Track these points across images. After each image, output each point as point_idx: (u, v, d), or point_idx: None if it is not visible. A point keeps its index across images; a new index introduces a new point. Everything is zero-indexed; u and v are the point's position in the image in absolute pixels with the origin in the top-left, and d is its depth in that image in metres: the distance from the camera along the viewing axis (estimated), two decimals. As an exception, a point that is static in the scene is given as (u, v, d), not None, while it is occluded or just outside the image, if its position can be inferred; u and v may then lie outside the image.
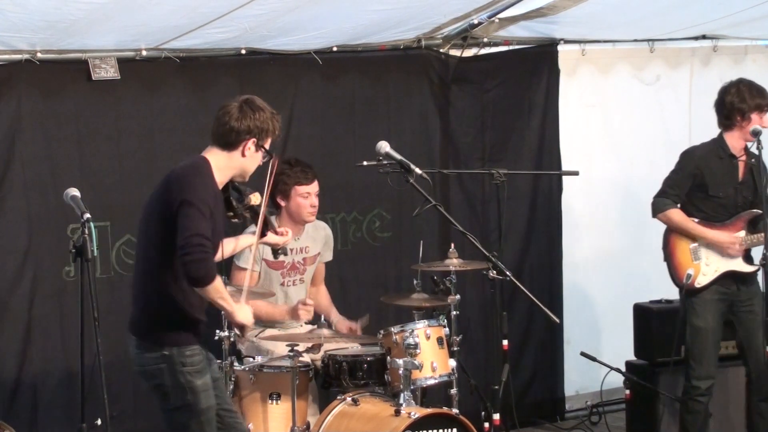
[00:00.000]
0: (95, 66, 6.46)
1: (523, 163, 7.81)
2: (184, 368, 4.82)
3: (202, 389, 4.86)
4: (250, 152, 4.86)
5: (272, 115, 4.91)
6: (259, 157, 4.89)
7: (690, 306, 6.64)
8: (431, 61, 7.57)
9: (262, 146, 4.87)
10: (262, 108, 4.89)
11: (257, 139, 4.85)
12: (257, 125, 4.85)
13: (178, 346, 4.83)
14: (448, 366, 6.06)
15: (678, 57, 8.28)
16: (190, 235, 4.62)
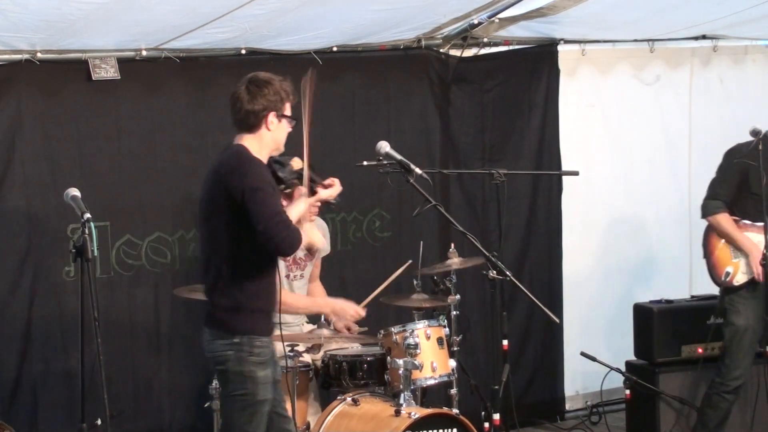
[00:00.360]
0: (95, 66, 6.46)
1: (523, 163, 7.80)
2: (251, 357, 4.91)
3: (263, 381, 4.94)
4: (274, 125, 5.00)
5: (280, 83, 5.02)
6: (285, 124, 5.04)
7: (731, 304, 6.61)
8: (431, 61, 7.57)
9: (282, 115, 5.00)
10: (268, 81, 5.01)
11: (275, 111, 4.98)
12: (269, 100, 4.98)
13: (249, 335, 4.93)
14: (448, 366, 6.06)
15: (678, 57, 8.27)
16: (268, 219, 4.76)
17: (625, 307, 7.41)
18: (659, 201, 8.26)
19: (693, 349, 7.06)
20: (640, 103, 8.21)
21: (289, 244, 4.81)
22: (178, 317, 6.81)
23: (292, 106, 5.08)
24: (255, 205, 4.78)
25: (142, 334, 6.76)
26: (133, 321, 6.73)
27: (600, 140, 8.12)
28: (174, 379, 6.83)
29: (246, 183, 4.81)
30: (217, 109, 6.91)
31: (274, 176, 5.04)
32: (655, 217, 8.26)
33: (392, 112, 7.45)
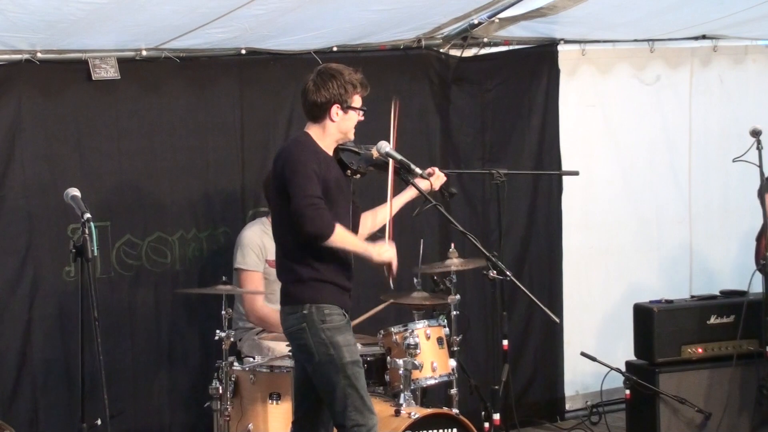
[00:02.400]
0: (95, 66, 6.46)
1: (523, 163, 7.80)
2: (324, 325, 5.06)
3: (344, 344, 5.07)
4: (339, 117, 5.21)
5: (349, 75, 5.20)
6: (352, 115, 5.23)
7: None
8: (431, 61, 7.57)
9: (349, 107, 5.19)
10: (334, 73, 5.20)
11: (339, 104, 5.17)
12: (333, 93, 5.17)
13: (317, 303, 5.08)
14: (448, 366, 6.05)
15: (678, 57, 8.27)
16: (299, 200, 4.95)
17: (626, 307, 7.41)
18: (659, 201, 8.25)
19: (693, 349, 7.05)
20: (641, 103, 8.21)
21: (317, 227, 4.94)
22: (178, 317, 6.81)
23: (363, 97, 5.27)
24: (291, 188, 5.01)
25: (142, 335, 6.75)
26: (133, 321, 6.72)
27: (600, 140, 8.12)
28: (174, 379, 6.82)
29: (287, 167, 5.06)
30: (217, 109, 6.93)
31: (339, 163, 5.23)
32: (655, 217, 8.25)
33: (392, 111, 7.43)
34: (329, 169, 5.15)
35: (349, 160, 5.29)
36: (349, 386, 5.04)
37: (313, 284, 5.10)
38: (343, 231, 5.06)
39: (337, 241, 5.03)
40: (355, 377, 5.06)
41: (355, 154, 5.34)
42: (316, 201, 4.96)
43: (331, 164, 5.20)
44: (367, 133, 7.15)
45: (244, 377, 5.94)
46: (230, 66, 6.90)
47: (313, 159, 5.09)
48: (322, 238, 4.99)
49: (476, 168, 7.57)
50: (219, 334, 5.86)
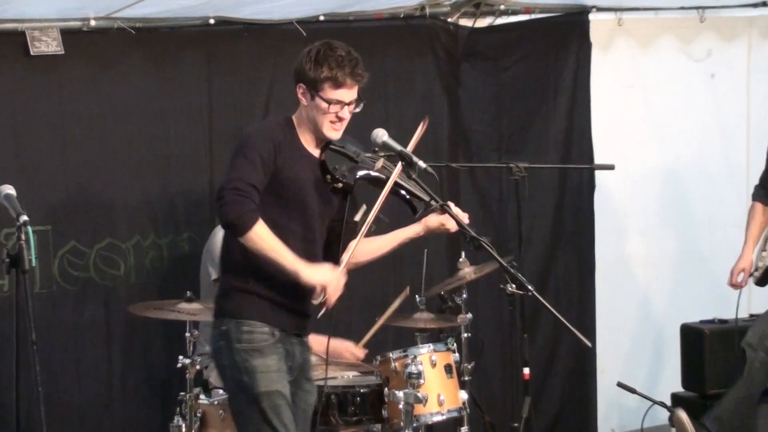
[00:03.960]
0: (34, 39, 6.46)
1: (548, 155, 7.82)
2: (239, 345, 5.00)
3: (261, 370, 4.99)
4: (306, 100, 5.11)
5: (335, 59, 5.04)
6: (320, 106, 5.07)
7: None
8: (437, 32, 7.58)
9: (316, 94, 5.06)
10: (322, 50, 5.07)
11: (306, 85, 5.08)
12: (305, 71, 5.07)
13: (236, 318, 5.03)
14: (457, 399, 6.06)
15: (733, 28, 8.29)
16: (225, 180, 4.90)
17: (671, 329, 7.42)
18: (711, 200, 8.27)
19: (752, 378, 7.07)
20: (688, 83, 8.23)
21: (232, 213, 4.84)
22: (133, 341, 6.81)
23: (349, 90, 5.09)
24: (227, 169, 5.00)
25: (90, 361, 6.75)
26: (79, 345, 6.72)
27: (640, 128, 8.13)
28: (128, 414, 6.82)
29: (235, 150, 5.02)
30: (181, 91, 6.93)
31: (321, 164, 5.15)
32: (706, 220, 8.27)
33: (391, 93, 7.46)
34: (294, 165, 5.06)
35: (332, 165, 5.18)
36: (264, 422, 4.96)
37: (237, 296, 5.06)
38: (266, 231, 4.89)
39: (256, 240, 4.88)
40: (273, 411, 4.97)
41: (347, 160, 5.24)
42: (244, 187, 4.87)
43: (302, 160, 5.10)
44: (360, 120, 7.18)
45: (213, 412, 5.94)
46: (196, 38, 6.91)
47: (268, 145, 5.01)
48: (236, 229, 4.87)
49: (491, 161, 7.58)
50: (182, 360, 5.86)
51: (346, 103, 5.09)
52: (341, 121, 5.11)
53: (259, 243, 4.89)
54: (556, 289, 7.85)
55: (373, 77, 7.32)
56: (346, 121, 5.15)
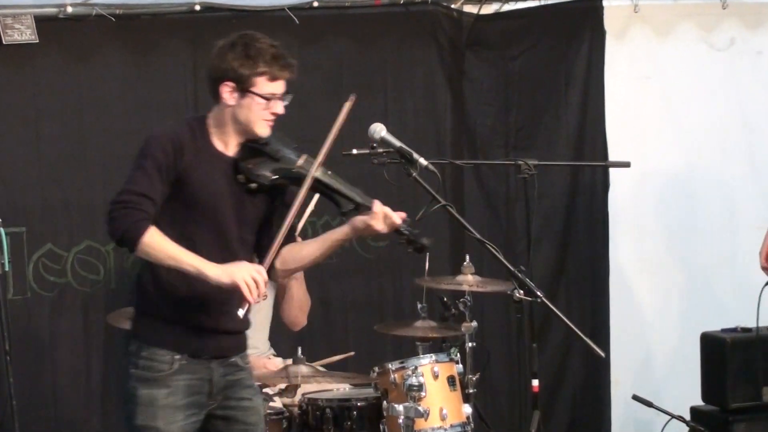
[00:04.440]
0: (6, 26, 6.47)
1: (559, 151, 7.83)
2: (135, 370, 4.94)
3: (144, 402, 4.91)
4: (234, 100, 5.00)
5: (258, 47, 4.98)
6: (253, 104, 4.99)
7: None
8: (440, 19, 7.60)
9: (247, 90, 4.98)
10: (245, 41, 5.00)
11: (234, 82, 4.98)
12: (229, 66, 4.97)
13: (140, 342, 4.98)
14: (461, 413, 6.06)
15: (758, 15, 8.28)
16: (116, 195, 4.84)
17: (690, 337, 7.42)
18: (734, 201, 8.27)
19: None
20: (710, 74, 8.22)
21: (117, 228, 4.80)
22: (113, 349, 6.81)
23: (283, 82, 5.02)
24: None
25: (67, 372, 6.77)
26: (55, 355, 6.73)
27: (657, 122, 8.13)
28: (108, 428, 6.83)
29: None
30: (164, 82, 6.95)
31: (233, 164, 5.03)
32: (728, 223, 8.26)
33: (390, 85, 7.47)
34: (200, 168, 4.97)
35: (246, 165, 5.06)
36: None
37: (144, 319, 5.01)
38: (159, 238, 4.81)
39: (148, 250, 4.80)
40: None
41: (264, 158, 5.09)
42: (132, 198, 4.81)
43: (212, 162, 5.00)
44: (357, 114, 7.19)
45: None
46: (180, 26, 6.92)
47: (167, 149, 4.93)
48: (125, 243, 4.81)
49: (498, 158, 7.60)
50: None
51: (278, 96, 5.04)
52: (274, 116, 5.06)
53: (153, 252, 4.81)
54: (567, 295, 7.85)
55: (371, 68, 7.44)
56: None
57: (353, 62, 7.39)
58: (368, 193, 7.32)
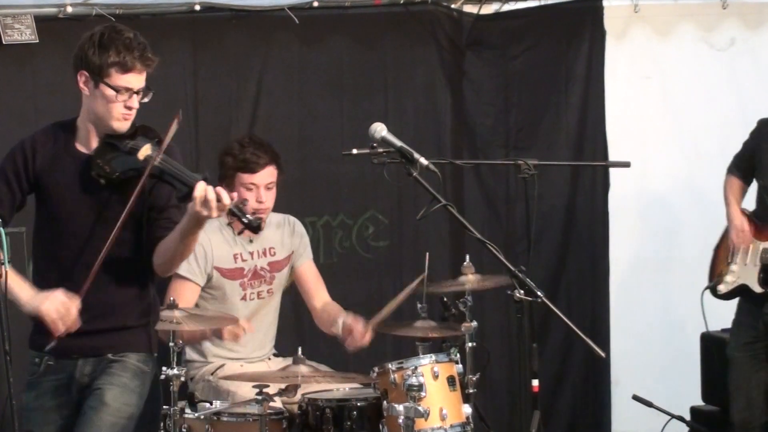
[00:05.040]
0: (7, 26, 6.48)
1: (559, 151, 7.84)
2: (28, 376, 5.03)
3: (22, 407, 4.93)
4: (89, 90, 4.95)
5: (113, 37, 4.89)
6: (107, 95, 4.91)
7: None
8: (440, 19, 7.60)
9: (101, 81, 4.90)
10: (106, 34, 4.92)
11: (89, 72, 4.92)
12: (85, 56, 4.92)
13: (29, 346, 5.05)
14: (461, 413, 6.07)
15: (759, 15, 8.29)
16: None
17: (691, 337, 7.43)
18: (734, 201, 8.27)
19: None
20: (710, 74, 8.23)
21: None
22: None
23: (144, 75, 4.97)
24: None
25: (67, 373, 6.75)
26: (55, 355, 6.72)
27: (658, 122, 8.15)
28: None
29: None
30: (164, 82, 6.92)
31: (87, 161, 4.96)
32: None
33: (390, 85, 7.48)
34: (54, 171, 4.96)
35: (96, 160, 4.95)
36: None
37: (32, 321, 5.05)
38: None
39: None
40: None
41: (118, 153, 4.98)
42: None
43: (67, 163, 4.99)
44: (357, 114, 7.22)
45: (199, 427, 5.95)
46: (181, 26, 6.93)
47: (18, 157, 4.98)
48: None
49: (498, 158, 7.61)
50: (166, 371, 5.86)
51: (134, 90, 4.94)
52: (130, 110, 4.97)
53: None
54: (568, 295, 7.87)
55: (371, 68, 7.44)
56: (134, 111, 4.99)
57: (353, 62, 7.40)
58: (369, 194, 7.40)
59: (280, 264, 6.56)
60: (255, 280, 6.48)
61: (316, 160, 7.22)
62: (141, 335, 5.11)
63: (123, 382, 5.03)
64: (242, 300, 6.43)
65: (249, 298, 6.46)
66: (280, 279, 6.56)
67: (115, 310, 5.04)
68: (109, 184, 4.91)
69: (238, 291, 6.44)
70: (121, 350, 5.05)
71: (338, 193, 7.35)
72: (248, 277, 6.47)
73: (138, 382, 5.09)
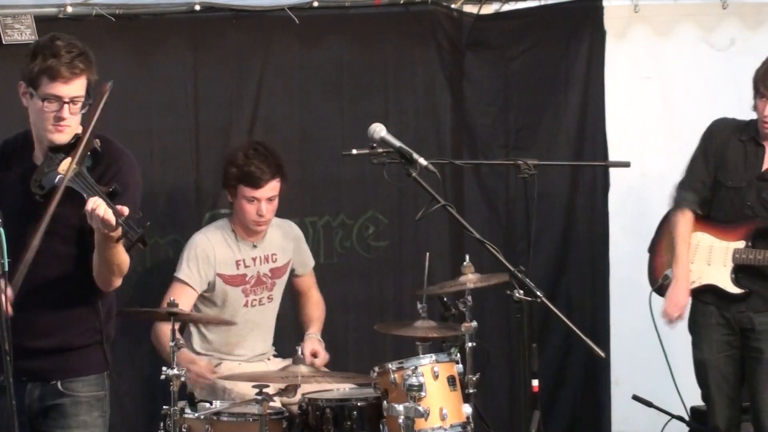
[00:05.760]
0: (7, 26, 6.48)
1: (559, 151, 7.84)
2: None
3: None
4: (27, 101, 4.83)
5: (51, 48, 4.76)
6: (37, 105, 4.78)
7: (689, 329, 6.96)
8: (440, 19, 7.61)
9: (35, 92, 4.77)
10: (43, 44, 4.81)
11: (25, 83, 4.81)
12: (25, 67, 4.80)
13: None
14: (461, 413, 6.08)
15: (758, 15, 8.29)
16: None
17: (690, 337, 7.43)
18: (734, 200, 8.28)
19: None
20: (710, 74, 8.23)
21: None
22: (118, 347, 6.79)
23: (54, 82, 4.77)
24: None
25: (67, 372, 6.76)
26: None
27: (657, 122, 8.15)
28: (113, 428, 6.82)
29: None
30: (166, 83, 6.96)
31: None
32: (728, 221, 8.28)
33: (390, 85, 7.48)
34: (9, 179, 4.89)
35: (34, 176, 4.78)
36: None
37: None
38: None
39: None
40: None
41: (48, 167, 4.80)
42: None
43: (22, 174, 4.86)
44: (357, 114, 7.23)
45: (199, 427, 5.97)
46: (181, 26, 6.93)
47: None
48: None
49: (498, 158, 7.61)
50: (166, 371, 5.88)
51: (65, 100, 4.74)
52: (62, 120, 4.75)
53: None
54: (567, 295, 7.87)
55: (371, 68, 7.44)
56: (69, 121, 4.78)
57: (353, 62, 7.40)
58: (369, 194, 7.40)
59: (280, 270, 6.61)
60: (257, 287, 6.53)
61: (316, 161, 7.22)
62: (93, 355, 4.97)
63: (80, 422, 4.93)
64: (245, 307, 6.46)
65: (251, 305, 6.50)
66: (279, 285, 6.62)
67: (59, 329, 4.89)
68: (43, 199, 4.75)
69: (241, 298, 6.47)
70: (71, 376, 4.91)
71: (338, 193, 7.36)
72: (251, 284, 6.51)
73: (96, 413, 4.98)
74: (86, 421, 4.93)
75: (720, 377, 6.79)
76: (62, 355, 4.89)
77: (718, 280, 6.77)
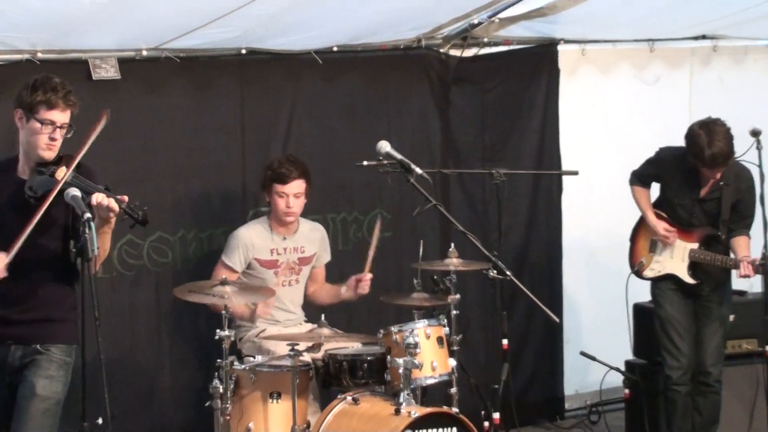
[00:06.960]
0: (96, 66, 6.47)
1: (523, 162, 7.82)
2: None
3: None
4: (22, 125, 4.87)
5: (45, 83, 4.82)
6: (35, 128, 4.82)
7: (653, 295, 6.86)
8: (431, 61, 7.58)
9: (32, 117, 4.82)
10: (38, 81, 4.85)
11: (22, 110, 4.85)
12: (21, 97, 4.86)
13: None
14: (447, 365, 6.07)
15: (678, 57, 8.29)
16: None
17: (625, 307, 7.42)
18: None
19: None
20: (641, 103, 8.23)
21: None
22: (179, 317, 6.82)
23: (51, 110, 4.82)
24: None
25: (143, 334, 6.77)
26: (134, 321, 6.74)
27: (601, 140, 8.14)
28: (175, 379, 6.84)
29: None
30: (217, 110, 6.95)
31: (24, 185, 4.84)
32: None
33: (392, 111, 7.46)
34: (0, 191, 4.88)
35: (27, 183, 4.81)
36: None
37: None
38: None
39: None
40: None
41: (39, 176, 4.83)
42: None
43: (9, 186, 4.88)
44: (367, 134, 7.22)
45: (245, 376, 5.97)
46: (230, 66, 6.91)
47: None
48: None
49: (476, 168, 7.58)
50: (219, 333, 5.88)
51: (58, 125, 4.81)
52: (54, 141, 4.82)
53: None
54: (530, 274, 7.84)
55: (377, 98, 7.44)
56: (57, 142, 4.85)
57: (364, 94, 7.39)
58: (376, 195, 7.40)
59: (307, 260, 6.60)
60: (287, 271, 6.52)
61: (335, 170, 7.21)
62: (67, 327, 4.95)
63: (50, 374, 4.90)
64: (276, 285, 6.45)
65: (282, 285, 6.50)
66: (305, 272, 6.62)
67: (44, 304, 4.91)
68: (36, 202, 4.79)
69: (273, 278, 6.47)
70: (47, 341, 4.91)
71: (352, 195, 7.34)
72: (281, 268, 6.50)
73: (62, 372, 4.93)
74: (53, 375, 4.91)
75: (682, 329, 6.73)
76: (44, 324, 4.91)
77: (678, 271, 6.74)
